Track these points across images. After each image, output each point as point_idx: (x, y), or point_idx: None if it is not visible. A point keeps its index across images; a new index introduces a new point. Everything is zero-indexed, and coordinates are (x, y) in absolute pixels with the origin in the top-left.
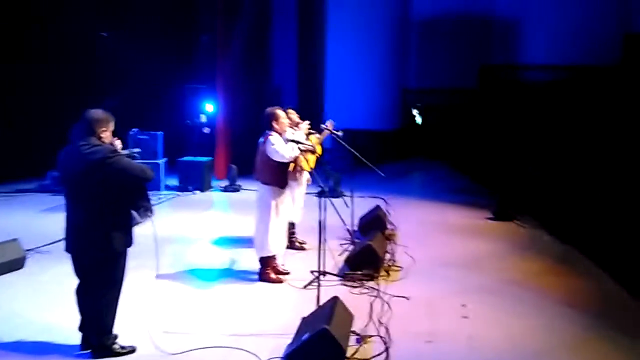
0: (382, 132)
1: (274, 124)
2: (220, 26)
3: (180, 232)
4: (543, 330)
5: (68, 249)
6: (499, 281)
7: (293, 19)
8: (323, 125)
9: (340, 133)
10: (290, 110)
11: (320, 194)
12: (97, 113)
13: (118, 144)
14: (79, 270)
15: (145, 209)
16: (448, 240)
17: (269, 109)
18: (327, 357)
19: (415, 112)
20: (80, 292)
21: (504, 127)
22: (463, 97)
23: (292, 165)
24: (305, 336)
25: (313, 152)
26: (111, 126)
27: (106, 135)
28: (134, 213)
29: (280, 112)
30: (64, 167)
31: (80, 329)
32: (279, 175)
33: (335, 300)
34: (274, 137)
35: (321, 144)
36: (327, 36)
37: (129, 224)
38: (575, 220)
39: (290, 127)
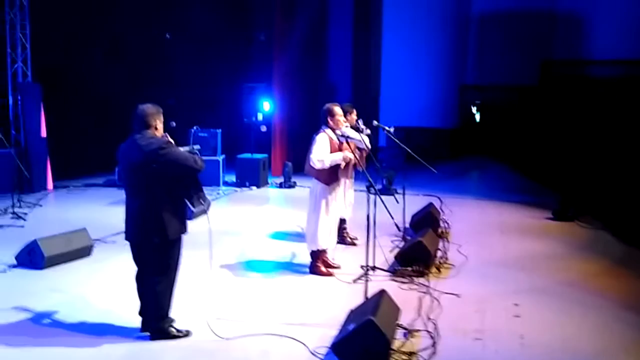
0: (440, 129)
1: (329, 120)
2: (276, 24)
3: (237, 225)
4: (598, 332)
5: (127, 237)
6: (555, 282)
7: (349, 15)
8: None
9: (391, 129)
10: (353, 112)
11: (368, 190)
12: (148, 107)
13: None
14: (137, 258)
15: (198, 198)
16: (504, 240)
17: (327, 105)
18: (372, 347)
19: (474, 109)
20: (139, 278)
21: (567, 125)
22: (523, 94)
23: (343, 164)
24: (351, 326)
25: (363, 149)
26: (162, 117)
27: (159, 126)
28: (187, 202)
29: (336, 109)
30: (123, 160)
31: (140, 313)
32: (323, 172)
33: (382, 293)
34: (321, 137)
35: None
36: (383, 32)
37: (183, 212)
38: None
39: (355, 128)
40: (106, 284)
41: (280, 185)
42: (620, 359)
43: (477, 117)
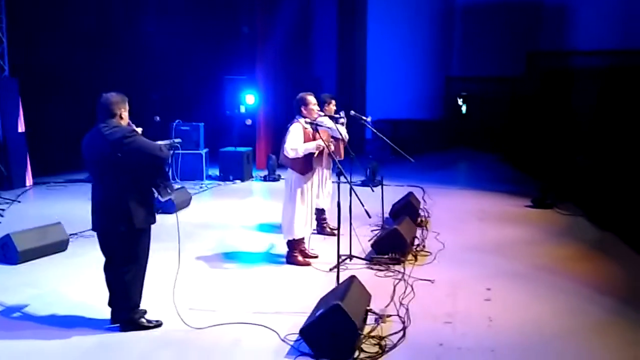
0: (426, 121)
1: (303, 110)
2: (260, 17)
3: (219, 218)
4: (570, 314)
5: (94, 227)
6: (530, 266)
7: (334, 6)
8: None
9: (369, 119)
10: (332, 102)
11: (339, 177)
12: (113, 95)
13: (139, 130)
14: (104, 247)
15: (165, 187)
16: (482, 227)
17: (300, 94)
18: (339, 331)
19: (460, 101)
20: (107, 269)
21: (553, 116)
22: (509, 85)
23: (316, 152)
24: (319, 312)
25: (339, 140)
26: (127, 106)
27: (124, 115)
28: (155, 191)
29: (310, 98)
30: (88, 149)
31: (110, 304)
32: (298, 162)
33: (351, 279)
34: (294, 126)
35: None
36: (368, 24)
37: (151, 202)
38: (618, 207)
39: (331, 117)
40: (80, 278)
41: (265, 179)
42: (589, 340)
43: (464, 108)
